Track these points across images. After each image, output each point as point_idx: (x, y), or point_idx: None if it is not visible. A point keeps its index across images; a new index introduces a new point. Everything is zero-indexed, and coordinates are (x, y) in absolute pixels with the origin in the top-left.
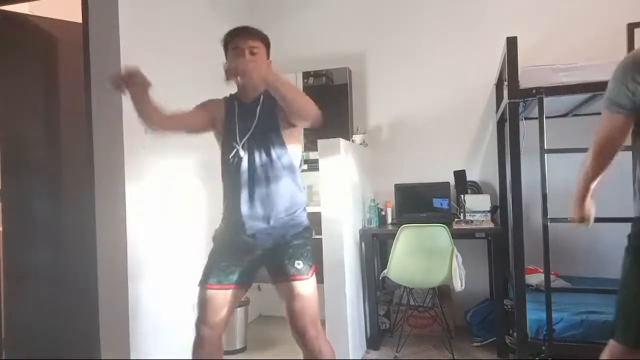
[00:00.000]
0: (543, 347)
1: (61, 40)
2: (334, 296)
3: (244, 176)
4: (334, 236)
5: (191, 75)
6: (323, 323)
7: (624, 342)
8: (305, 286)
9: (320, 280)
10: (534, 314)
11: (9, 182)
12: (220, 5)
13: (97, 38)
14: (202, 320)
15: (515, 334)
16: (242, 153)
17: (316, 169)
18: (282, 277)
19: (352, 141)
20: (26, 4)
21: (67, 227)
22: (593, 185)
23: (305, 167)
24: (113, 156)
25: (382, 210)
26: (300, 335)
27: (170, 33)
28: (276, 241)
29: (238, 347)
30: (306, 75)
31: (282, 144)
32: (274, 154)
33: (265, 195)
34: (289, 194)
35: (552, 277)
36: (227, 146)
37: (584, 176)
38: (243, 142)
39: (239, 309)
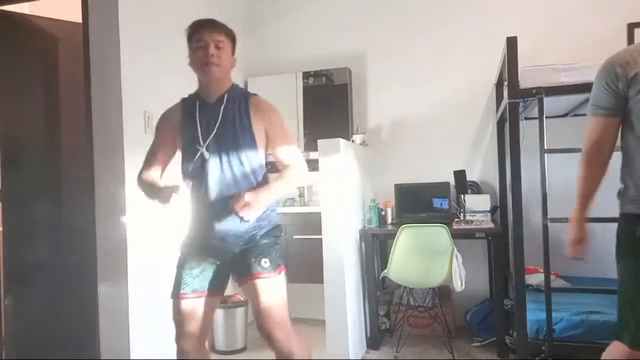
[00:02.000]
0: (543, 347)
1: (61, 40)
2: (334, 296)
3: (211, 179)
4: (334, 236)
5: (192, 75)
6: (323, 323)
7: (625, 342)
8: (271, 285)
9: (320, 280)
10: (534, 314)
11: (9, 182)
12: (220, 5)
13: (97, 38)
14: (181, 333)
15: (515, 334)
16: (206, 155)
17: (316, 169)
18: (247, 276)
19: (352, 141)
20: (26, 4)
21: (67, 227)
22: (590, 201)
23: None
24: (113, 156)
25: (382, 210)
26: (267, 338)
27: (170, 33)
28: (246, 243)
29: (238, 347)
30: (306, 75)
31: (251, 144)
32: (241, 154)
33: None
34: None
35: (552, 277)
36: (189, 149)
37: (579, 192)
38: (207, 143)
39: (238, 309)
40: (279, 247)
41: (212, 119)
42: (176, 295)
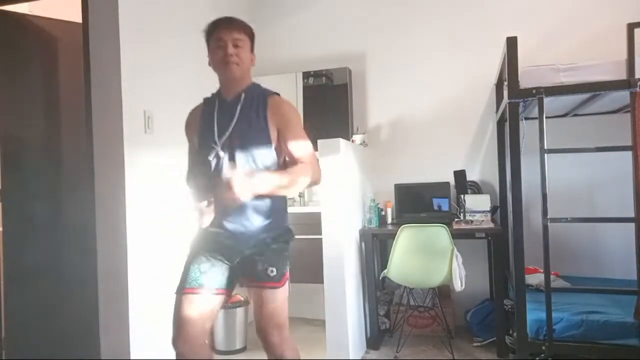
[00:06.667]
0: (543, 347)
1: (61, 40)
2: (334, 296)
3: (223, 177)
4: (334, 236)
5: (192, 75)
6: (323, 323)
7: None
8: (275, 294)
9: (320, 280)
10: (534, 314)
11: (9, 182)
12: (220, 4)
13: (97, 38)
14: (178, 335)
15: (515, 334)
16: (221, 153)
17: None
18: (254, 282)
19: (352, 141)
20: (26, 4)
21: (67, 227)
22: None
23: None
24: (113, 156)
25: (382, 210)
26: (264, 341)
27: (171, 33)
28: (256, 245)
29: (238, 347)
30: (306, 75)
31: (266, 143)
32: (255, 153)
33: None
34: (270, 195)
35: (552, 277)
36: (204, 146)
37: None
38: (222, 141)
39: (238, 309)
40: (287, 255)
41: (228, 118)
42: (181, 290)
